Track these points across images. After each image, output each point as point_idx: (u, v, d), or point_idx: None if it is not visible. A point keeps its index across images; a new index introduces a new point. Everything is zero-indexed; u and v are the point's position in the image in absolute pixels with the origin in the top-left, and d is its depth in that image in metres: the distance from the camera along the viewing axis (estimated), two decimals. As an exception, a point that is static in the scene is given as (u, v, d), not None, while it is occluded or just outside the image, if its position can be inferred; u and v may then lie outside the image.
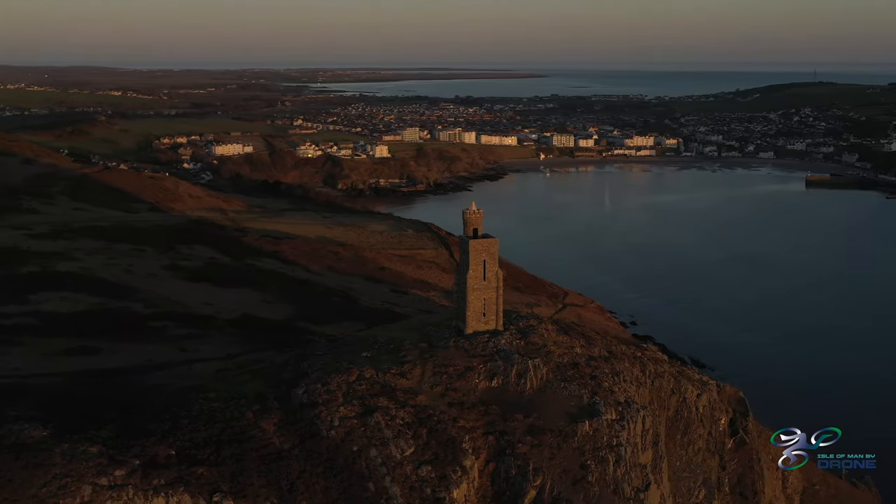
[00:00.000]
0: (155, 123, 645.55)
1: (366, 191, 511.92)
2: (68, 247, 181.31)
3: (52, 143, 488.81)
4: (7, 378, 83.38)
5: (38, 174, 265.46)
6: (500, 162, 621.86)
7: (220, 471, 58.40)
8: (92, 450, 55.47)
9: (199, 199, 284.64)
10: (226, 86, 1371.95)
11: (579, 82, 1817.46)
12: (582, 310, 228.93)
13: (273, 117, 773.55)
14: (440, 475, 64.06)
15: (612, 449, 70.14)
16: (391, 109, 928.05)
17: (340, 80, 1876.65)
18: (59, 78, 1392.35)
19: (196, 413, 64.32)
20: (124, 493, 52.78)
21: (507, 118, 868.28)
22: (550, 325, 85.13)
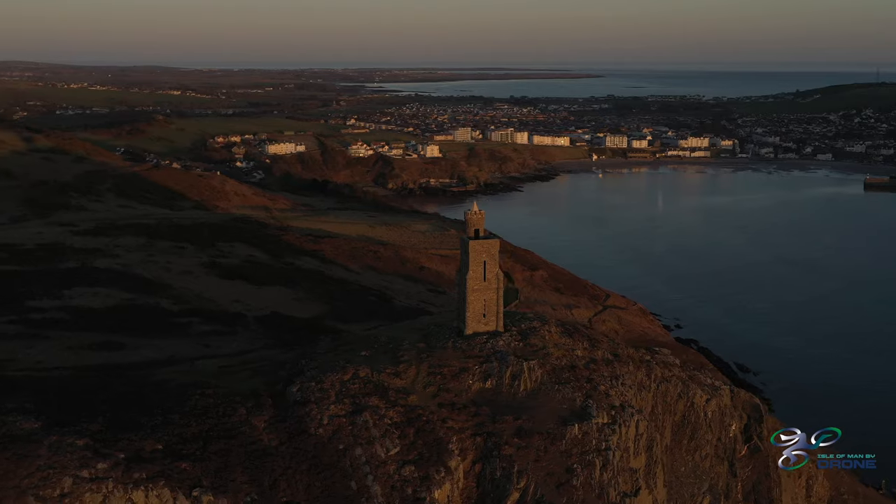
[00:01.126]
0: (210, 122, 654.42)
1: (416, 190, 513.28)
2: (109, 243, 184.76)
3: (110, 141, 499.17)
4: (20, 371, 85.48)
5: (87, 172, 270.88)
6: (551, 162, 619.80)
7: (204, 466, 59.26)
8: (78, 443, 56.68)
9: (244, 197, 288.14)
10: (283, 85, 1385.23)
11: (636, 82, 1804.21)
12: (622, 312, 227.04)
13: (327, 117, 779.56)
14: (423, 475, 64.22)
15: (600, 453, 69.58)
16: (445, 109, 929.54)
17: (397, 79, 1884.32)
18: (122, 78, 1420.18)
19: (189, 409, 65.32)
20: (104, 486, 53.82)
21: (561, 118, 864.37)
22: (554, 328, 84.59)
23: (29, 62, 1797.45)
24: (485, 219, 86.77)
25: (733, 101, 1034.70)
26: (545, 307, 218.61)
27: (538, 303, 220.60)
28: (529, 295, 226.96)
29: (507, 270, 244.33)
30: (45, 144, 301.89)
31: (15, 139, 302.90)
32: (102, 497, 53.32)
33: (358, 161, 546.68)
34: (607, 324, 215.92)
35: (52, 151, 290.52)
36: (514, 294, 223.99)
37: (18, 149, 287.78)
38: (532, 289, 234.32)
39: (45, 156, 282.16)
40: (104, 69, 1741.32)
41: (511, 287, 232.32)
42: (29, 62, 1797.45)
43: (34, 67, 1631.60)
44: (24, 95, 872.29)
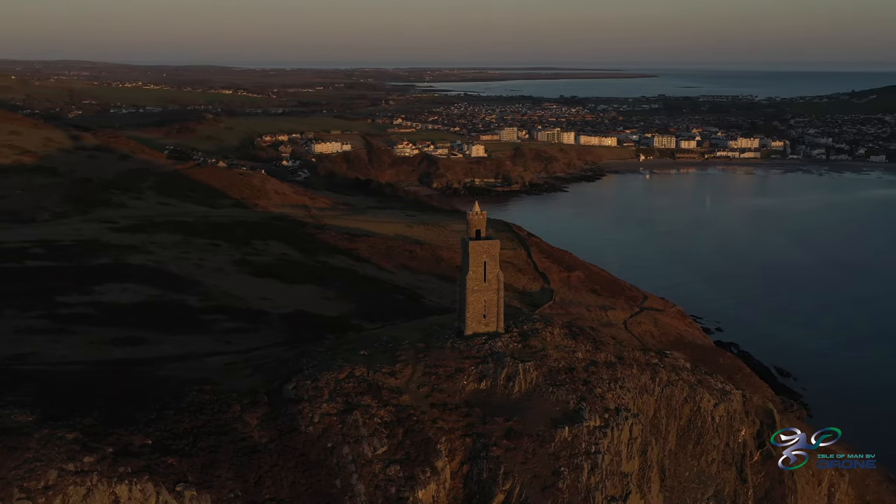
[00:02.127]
0: (259, 121, 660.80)
1: (460, 190, 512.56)
2: (146, 240, 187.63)
3: (160, 139, 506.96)
4: (40, 365, 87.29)
5: (130, 170, 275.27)
6: (598, 163, 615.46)
7: (192, 461, 59.95)
8: (68, 436, 57.70)
9: (284, 195, 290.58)
10: (334, 84, 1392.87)
11: (689, 82, 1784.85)
12: (660, 314, 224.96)
13: (374, 116, 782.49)
14: (408, 475, 64.25)
15: (589, 456, 68.96)
16: (493, 109, 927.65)
17: (447, 79, 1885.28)
18: (176, 77, 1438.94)
19: (186, 405, 66.12)
20: (88, 480, 54.70)
21: (610, 118, 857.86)
22: (558, 329, 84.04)
23: (86, 61, 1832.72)
24: (486, 219, 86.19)
25: (786, 102, 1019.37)
26: (580, 308, 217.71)
27: (573, 304, 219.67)
28: (565, 296, 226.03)
29: (544, 271, 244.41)
30: (91, 143, 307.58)
31: (63, 137, 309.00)
32: (86, 490, 54.20)
33: (403, 160, 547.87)
34: (643, 326, 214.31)
35: (97, 149, 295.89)
36: (549, 294, 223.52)
37: (65, 147, 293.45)
38: (568, 290, 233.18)
39: (91, 154, 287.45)
40: (159, 68, 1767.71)
41: (546, 287, 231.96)
42: (86, 61, 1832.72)
43: (91, 67, 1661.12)
44: (79, 94, 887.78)
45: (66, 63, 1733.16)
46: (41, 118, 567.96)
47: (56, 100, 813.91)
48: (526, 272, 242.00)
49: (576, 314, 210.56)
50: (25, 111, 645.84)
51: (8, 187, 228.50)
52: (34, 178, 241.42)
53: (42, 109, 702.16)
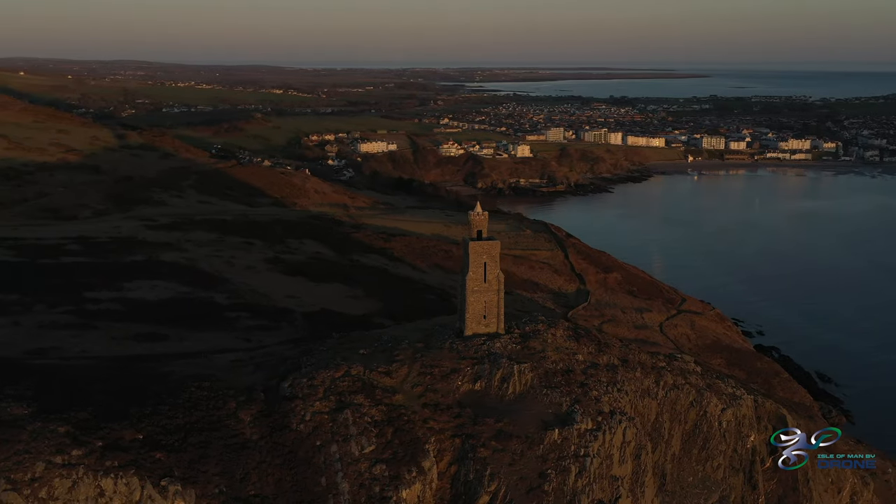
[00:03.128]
0: (307, 121, 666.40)
1: (505, 190, 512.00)
2: (181, 238, 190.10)
3: (209, 138, 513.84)
4: (60, 359, 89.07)
5: (172, 168, 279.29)
6: (645, 163, 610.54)
7: (180, 457, 60.75)
8: (60, 429, 58.79)
9: (324, 194, 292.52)
10: (384, 84, 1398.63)
11: (742, 83, 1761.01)
12: (698, 317, 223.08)
13: (421, 116, 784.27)
14: (394, 474, 64.37)
15: (578, 459, 68.43)
16: (541, 109, 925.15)
17: (497, 79, 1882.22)
18: (229, 77, 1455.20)
19: (183, 401, 67.00)
20: (74, 473, 55.70)
21: (659, 119, 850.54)
22: (561, 331, 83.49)
23: (142, 61, 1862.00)
24: (487, 220, 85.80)
25: (841, 103, 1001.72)
26: (615, 310, 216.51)
27: (608, 306, 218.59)
28: (601, 297, 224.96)
29: (581, 272, 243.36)
30: (136, 141, 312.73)
31: (108, 136, 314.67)
32: (72, 483, 55.20)
33: (448, 160, 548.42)
34: (679, 328, 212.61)
35: (141, 148, 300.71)
36: (585, 296, 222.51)
37: (110, 145, 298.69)
38: (604, 291, 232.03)
39: (135, 152, 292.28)
40: (213, 68, 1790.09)
41: (582, 289, 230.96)
42: (142, 61, 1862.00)
43: (146, 66, 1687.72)
44: (133, 94, 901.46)
45: (122, 63, 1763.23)
46: (94, 117, 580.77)
47: (110, 99, 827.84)
48: (562, 273, 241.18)
49: (610, 316, 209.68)
50: (80, 110, 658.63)
51: (52, 185, 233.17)
52: (78, 176, 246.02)
53: (96, 108, 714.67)
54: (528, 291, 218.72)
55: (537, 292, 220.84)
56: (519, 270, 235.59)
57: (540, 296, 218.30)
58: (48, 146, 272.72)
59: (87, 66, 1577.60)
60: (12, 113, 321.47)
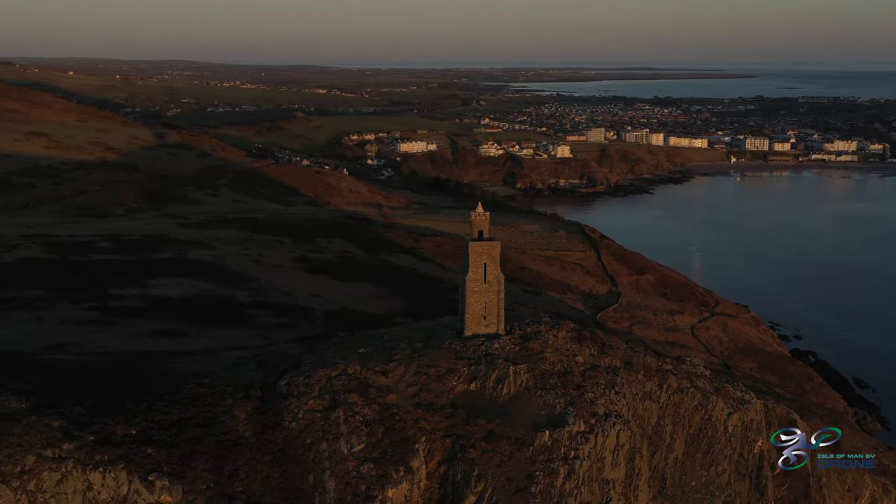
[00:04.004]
0: (348, 120, 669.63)
1: (544, 191, 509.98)
2: (212, 236, 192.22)
3: (251, 137, 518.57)
4: (78, 355, 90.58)
5: (209, 167, 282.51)
6: (687, 165, 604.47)
7: (171, 452, 61.42)
8: (54, 423, 59.77)
9: (358, 194, 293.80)
10: (427, 84, 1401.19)
11: (789, 83, 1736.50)
12: (731, 320, 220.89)
13: (462, 116, 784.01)
14: (381, 473, 64.42)
15: (567, 461, 67.87)
16: (584, 109, 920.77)
17: (541, 79, 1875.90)
18: (274, 77, 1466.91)
19: (179, 397, 67.73)
20: (63, 466, 56.59)
21: (703, 120, 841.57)
22: (563, 332, 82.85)
23: (189, 61, 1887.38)
24: (488, 220, 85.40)
25: (890, 103, 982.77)
26: (646, 312, 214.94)
27: (639, 308, 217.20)
28: (632, 299, 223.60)
29: (613, 274, 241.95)
30: (175, 140, 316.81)
31: (147, 135, 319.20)
32: (60, 476, 56.09)
33: (488, 160, 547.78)
34: (711, 331, 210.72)
35: (179, 147, 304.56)
36: (616, 297, 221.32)
37: (149, 144, 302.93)
38: (636, 293, 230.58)
39: (172, 151, 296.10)
40: (259, 68, 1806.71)
41: (614, 290, 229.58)
42: (189, 61, 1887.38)
43: (194, 66, 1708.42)
44: (179, 93, 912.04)
45: (170, 63, 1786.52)
46: (140, 116, 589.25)
47: (156, 99, 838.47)
48: (594, 274, 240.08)
49: (640, 318, 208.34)
50: (126, 109, 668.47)
51: (89, 183, 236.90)
52: (115, 175, 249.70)
53: (142, 108, 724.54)
54: (559, 292, 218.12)
55: (567, 293, 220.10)
56: (550, 271, 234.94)
57: (570, 297, 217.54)
58: (87, 145, 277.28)
59: (135, 66, 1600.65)
60: (55, 112, 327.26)
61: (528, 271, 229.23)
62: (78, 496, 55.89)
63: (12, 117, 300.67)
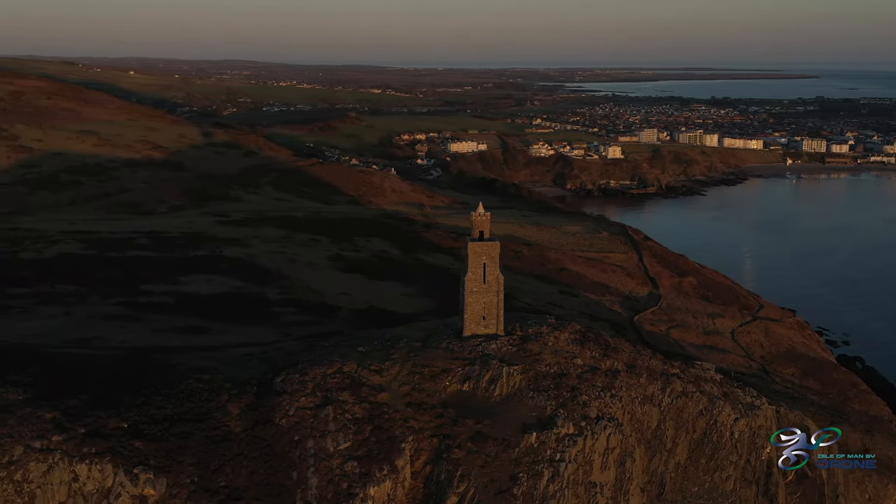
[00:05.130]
0: (400, 120, 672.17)
1: (594, 191, 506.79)
2: (249, 234, 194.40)
3: (303, 137, 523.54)
4: (99, 349, 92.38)
5: (253, 166, 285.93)
6: (741, 166, 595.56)
7: (159, 446, 62.38)
8: (47, 415, 61.15)
9: (401, 193, 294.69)
10: (482, 84, 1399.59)
11: (852, 83, 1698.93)
12: (775, 324, 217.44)
13: (514, 116, 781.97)
14: (364, 472, 64.60)
15: (552, 463, 67.30)
16: (638, 110, 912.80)
17: (598, 79, 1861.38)
18: (331, 76, 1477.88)
19: (176, 392, 68.75)
20: (50, 457, 57.90)
21: (759, 121, 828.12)
22: (566, 334, 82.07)
23: (248, 61, 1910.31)
24: (489, 221, 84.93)
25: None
26: (686, 315, 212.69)
27: (679, 310, 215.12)
28: (672, 302, 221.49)
29: (654, 276, 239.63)
30: (222, 139, 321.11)
31: (195, 133, 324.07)
32: (47, 467, 57.41)
33: (538, 161, 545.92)
34: (752, 335, 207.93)
35: (225, 146, 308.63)
36: (656, 300, 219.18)
37: (196, 143, 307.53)
38: (677, 295, 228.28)
39: (219, 150, 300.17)
40: (316, 68, 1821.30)
41: (654, 293, 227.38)
42: (248, 61, 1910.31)
43: (252, 66, 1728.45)
44: (236, 93, 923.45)
45: (230, 63, 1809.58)
46: (196, 115, 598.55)
47: (214, 98, 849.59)
48: (635, 276, 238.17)
49: (679, 321, 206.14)
50: (184, 108, 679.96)
51: (134, 181, 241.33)
52: (160, 173, 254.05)
53: (199, 107, 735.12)
54: (597, 294, 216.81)
55: (606, 295, 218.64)
56: (590, 273, 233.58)
57: (608, 299, 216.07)
58: (136, 143, 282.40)
59: (195, 65, 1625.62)
60: (108, 111, 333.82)
61: (568, 272, 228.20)
62: (63, 487, 57.16)
63: (66, 116, 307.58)
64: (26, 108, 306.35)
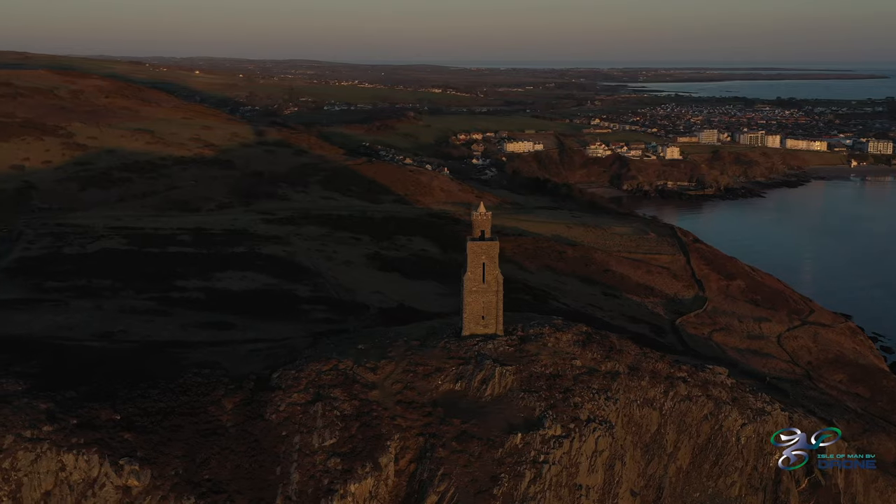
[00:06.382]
0: (458, 120, 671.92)
1: (651, 193, 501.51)
2: (291, 231, 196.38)
3: (361, 136, 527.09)
4: (121, 342, 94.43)
5: (302, 164, 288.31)
6: (804, 168, 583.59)
7: (148, 438, 63.36)
8: (42, 406, 62.59)
9: (449, 192, 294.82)
10: (544, 84, 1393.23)
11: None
12: (824, 329, 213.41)
13: (573, 116, 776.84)
14: (347, 468, 64.78)
15: (535, 465, 66.61)
16: (701, 110, 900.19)
17: (662, 79, 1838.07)
18: (393, 76, 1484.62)
19: (175, 385, 69.87)
20: (39, 447, 59.26)
21: (825, 122, 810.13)
22: (567, 335, 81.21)
23: (313, 61, 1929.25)
24: (490, 220, 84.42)
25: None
26: (731, 319, 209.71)
27: (724, 314, 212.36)
28: (718, 305, 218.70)
29: (701, 278, 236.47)
30: (273, 138, 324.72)
31: (248, 132, 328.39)
32: (35, 456, 58.79)
33: (595, 161, 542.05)
34: (799, 341, 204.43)
35: (276, 145, 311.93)
36: (701, 303, 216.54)
37: (248, 141, 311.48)
38: (724, 299, 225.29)
39: (270, 149, 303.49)
40: (379, 68, 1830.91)
41: (700, 295, 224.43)
42: (313, 61, 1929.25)
43: (317, 66, 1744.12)
44: (298, 92, 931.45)
45: (294, 62, 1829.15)
46: (259, 114, 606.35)
47: (276, 97, 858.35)
48: (681, 279, 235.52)
49: (723, 324, 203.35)
50: (246, 108, 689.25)
51: (183, 178, 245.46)
52: (210, 171, 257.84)
53: (261, 106, 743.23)
54: (640, 296, 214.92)
55: (650, 297, 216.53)
56: (635, 274, 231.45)
57: (651, 301, 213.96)
58: (188, 141, 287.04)
59: (261, 65, 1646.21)
60: (164, 110, 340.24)
61: (612, 274, 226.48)
62: (50, 476, 58.51)
63: (123, 114, 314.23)
64: (85, 107, 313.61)
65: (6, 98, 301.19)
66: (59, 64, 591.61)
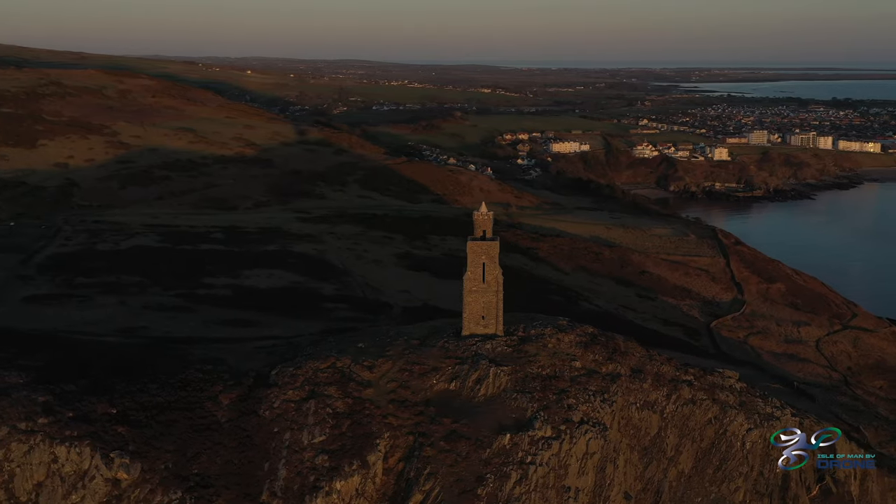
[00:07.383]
0: (505, 119, 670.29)
1: (698, 194, 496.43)
2: (325, 230, 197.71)
3: (407, 135, 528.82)
4: (142, 337, 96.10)
5: (342, 163, 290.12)
6: (856, 170, 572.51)
7: (142, 432, 64.29)
8: (40, 399, 63.90)
9: (488, 192, 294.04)
10: (595, 84, 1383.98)
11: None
12: (866, 334, 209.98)
13: (621, 116, 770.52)
14: (334, 466, 64.99)
15: (522, 466, 66.10)
16: (752, 111, 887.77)
17: (715, 79, 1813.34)
18: (443, 76, 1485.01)
19: (174, 381, 70.78)
20: (32, 439, 60.51)
21: (880, 122, 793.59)
22: (571, 336, 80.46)
23: (364, 61, 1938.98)
24: (491, 220, 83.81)
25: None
26: (768, 322, 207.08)
27: (761, 317, 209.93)
28: (757, 308, 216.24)
29: (741, 281, 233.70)
30: (314, 137, 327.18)
31: (290, 131, 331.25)
32: (28, 448, 60.05)
33: (641, 162, 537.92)
34: (838, 345, 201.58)
35: (317, 144, 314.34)
36: (739, 306, 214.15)
37: (289, 140, 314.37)
38: (763, 302, 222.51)
39: (310, 147, 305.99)
40: (429, 67, 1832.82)
41: (738, 298, 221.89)
42: (364, 61, 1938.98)
43: (367, 66, 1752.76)
44: (347, 92, 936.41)
45: (346, 63, 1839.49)
46: (308, 113, 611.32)
47: (325, 97, 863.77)
48: (720, 281, 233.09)
49: (760, 328, 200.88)
50: (296, 107, 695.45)
51: (223, 177, 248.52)
52: (249, 169, 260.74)
53: (311, 106, 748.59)
54: (676, 298, 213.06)
55: (686, 300, 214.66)
56: (672, 276, 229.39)
57: (688, 303, 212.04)
58: (230, 140, 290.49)
59: (312, 65, 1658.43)
60: (209, 109, 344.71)
61: (648, 275, 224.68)
62: (42, 468, 59.73)
63: (167, 114, 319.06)
64: (131, 106, 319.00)
65: (55, 97, 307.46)
66: (113, 64, 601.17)
